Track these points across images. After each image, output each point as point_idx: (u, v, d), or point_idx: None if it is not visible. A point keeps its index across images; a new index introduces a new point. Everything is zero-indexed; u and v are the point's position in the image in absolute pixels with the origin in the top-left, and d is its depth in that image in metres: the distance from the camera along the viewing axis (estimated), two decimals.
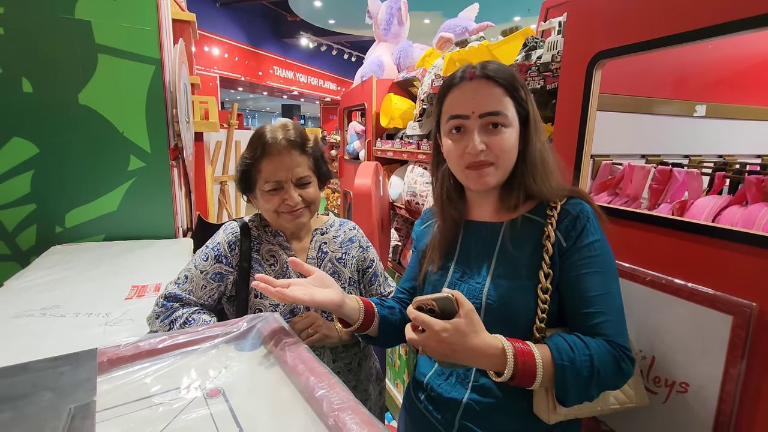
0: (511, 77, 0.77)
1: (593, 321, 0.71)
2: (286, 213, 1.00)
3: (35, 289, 1.28)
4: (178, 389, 0.64)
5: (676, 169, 1.01)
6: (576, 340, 0.69)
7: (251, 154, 0.99)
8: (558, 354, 0.67)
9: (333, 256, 1.09)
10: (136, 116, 1.77)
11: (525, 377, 0.66)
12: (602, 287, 0.73)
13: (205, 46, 10.07)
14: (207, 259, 1.01)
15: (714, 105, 1.36)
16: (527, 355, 0.67)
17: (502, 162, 0.77)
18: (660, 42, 0.86)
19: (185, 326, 0.93)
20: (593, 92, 1.02)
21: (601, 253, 0.74)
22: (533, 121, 0.79)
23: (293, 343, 0.75)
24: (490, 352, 0.66)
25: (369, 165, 1.70)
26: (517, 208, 0.80)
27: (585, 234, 0.74)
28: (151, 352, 0.71)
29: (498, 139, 0.75)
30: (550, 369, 0.67)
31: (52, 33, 1.61)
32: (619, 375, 0.70)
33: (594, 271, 0.73)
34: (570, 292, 0.74)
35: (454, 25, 2.33)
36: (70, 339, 0.98)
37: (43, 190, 1.69)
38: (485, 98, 0.76)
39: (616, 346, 0.70)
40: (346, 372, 1.09)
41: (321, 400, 0.59)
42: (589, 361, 0.67)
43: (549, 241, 0.75)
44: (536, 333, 0.74)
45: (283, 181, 0.98)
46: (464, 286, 0.82)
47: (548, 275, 0.74)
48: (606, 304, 0.72)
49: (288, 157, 0.98)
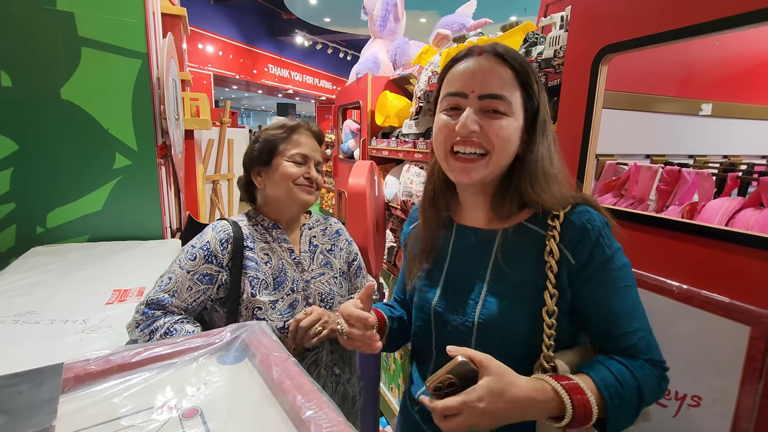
0: (525, 62, 0.68)
1: (629, 342, 0.64)
2: (303, 185, 1.05)
3: (10, 293, 1.21)
4: (151, 409, 0.58)
5: (685, 169, 0.96)
6: (622, 371, 0.62)
7: (281, 131, 1.06)
8: (607, 392, 0.59)
9: (324, 248, 1.14)
10: (121, 112, 1.71)
11: (582, 419, 0.58)
12: (631, 303, 0.65)
13: (199, 43, 9.95)
14: (195, 259, 0.96)
15: (720, 104, 1.32)
16: (581, 399, 0.58)
17: (496, 153, 0.66)
18: (670, 35, 0.82)
19: (166, 337, 0.87)
20: (599, 88, 0.98)
21: (622, 265, 0.66)
22: (542, 120, 0.69)
23: (280, 356, 0.69)
24: (540, 399, 0.57)
25: (363, 164, 1.65)
26: (511, 216, 0.71)
27: (599, 248, 0.65)
28: (123, 367, 0.65)
29: (495, 125, 0.65)
30: (601, 407, 0.59)
31: (32, 24, 1.54)
32: (659, 394, 0.65)
33: (620, 287, 0.65)
34: (596, 314, 0.66)
35: (452, 22, 2.28)
36: (42, 349, 0.92)
37: (23, 189, 1.62)
38: (488, 78, 0.66)
39: (656, 364, 0.64)
40: (342, 363, 1.11)
41: (308, 422, 0.54)
42: (637, 393, 0.61)
43: (553, 258, 0.65)
44: (543, 361, 0.64)
45: (309, 157, 1.07)
46: (456, 299, 0.73)
47: (553, 296, 0.65)
48: (639, 320, 0.65)
49: (313, 142, 1.09)
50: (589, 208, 0.68)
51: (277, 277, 1.02)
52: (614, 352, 0.65)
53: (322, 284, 1.08)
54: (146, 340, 0.88)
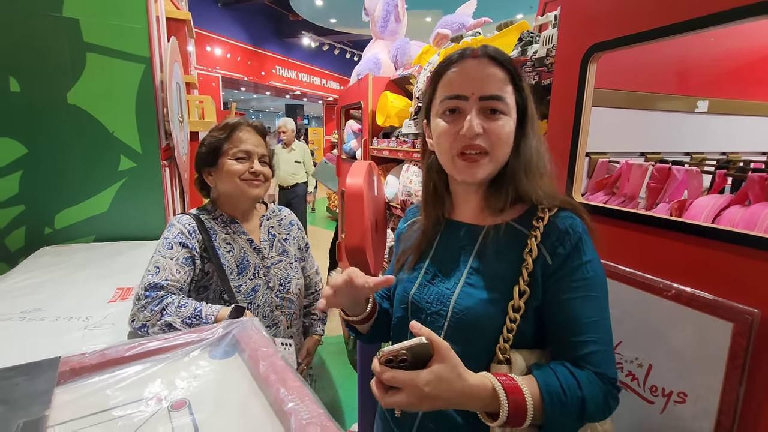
0: (514, 63, 0.72)
1: (584, 351, 0.64)
2: (249, 180, 1.12)
3: (18, 291, 1.25)
4: (142, 401, 0.61)
5: (675, 167, 0.96)
6: (568, 378, 0.62)
7: (223, 131, 1.13)
8: (549, 397, 0.60)
9: (280, 237, 1.25)
10: (126, 116, 1.75)
11: (516, 419, 0.59)
12: (595, 313, 0.65)
13: (207, 46, 10.07)
14: (173, 248, 1.03)
15: (717, 100, 1.31)
16: (518, 399, 0.59)
17: (497, 152, 0.69)
18: (657, 33, 0.82)
19: (179, 310, 0.94)
20: (588, 87, 0.98)
21: (594, 275, 0.67)
22: (531, 114, 0.73)
23: (267, 352, 0.72)
24: (481, 395, 0.58)
25: (362, 164, 1.67)
26: (503, 211, 0.73)
27: (577, 253, 0.66)
28: (117, 361, 0.68)
29: (496, 126, 0.68)
30: (539, 410, 0.60)
31: (39, 31, 1.59)
32: (605, 412, 0.64)
33: (585, 295, 0.66)
34: (558, 317, 0.67)
35: (451, 22, 2.29)
36: (46, 344, 0.95)
37: (32, 191, 1.67)
38: (488, 80, 0.68)
39: (607, 381, 0.64)
40: (297, 336, 1.26)
41: (290, 414, 0.56)
42: (580, 404, 0.61)
43: (531, 256, 0.67)
44: (499, 353, 0.66)
45: (251, 153, 1.13)
46: (434, 289, 0.75)
47: (523, 293, 0.67)
48: (599, 332, 0.65)
49: (255, 137, 1.15)
50: (573, 214, 0.70)
51: (240, 264, 1.12)
52: (568, 360, 0.65)
53: (281, 270, 1.20)
54: (159, 318, 0.92)
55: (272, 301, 1.16)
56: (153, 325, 0.93)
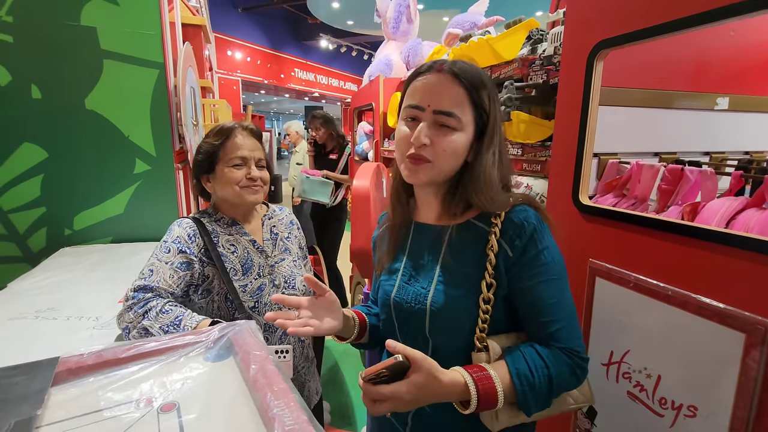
0: (478, 81, 0.74)
1: (548, 330, 0.71)
2: (247, 187, 1.12)
3: (35, 291, 1.30)
4: (133, 402, 0.61)
5: (688, 167, 0.92)
6: (536, 359, 0.70)
7: (218, 137, 1.12)
8: (518, 380, 0.68)
9: (282, 236, 1.25)
10: (141, 120, 1.80)
11: (488, 404, 0.67)
12: (555, 295, 0.72)
13: (228, 50, 10.29)
14: (170, 252, 1.03)
15: (738, 97, 1.25)
16: (488, 386, 0.67)
17: (439, 163, 0.74)
18: (667, 27, 0.78)
19: (161, 315, 0.93)
20: (594, 85, 0.95)
21: (551, 260, 0.72)
22: (491, 132, 0.76)
23: (259, 355, 0.72)
24: (455, 391, 0.67)
25: (369, 165, 1.66)
26: (462, 214, 0.79)
27: (533, 243, 0.72)
28: (114, 362, 0.69)
29: (443, 141, 0.73)
30: (510, 391, 0.68)
31: (59, 40, 1.65)
32: (574, 382, 0.72)
33: (545, 280, 0.72)
34: (523, 303, 0.74)
35: (463, 21, 2.26)
36: (54, 343, 0.98)
37: (52, 194, 1.73)
38: (443, 95, 0.73)
39: (571, 354, 0.71)
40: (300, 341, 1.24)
41: (273, 419, 0.56)
42: (547, 381, 0.69)
43: (492, 251, 0.73)
44: (477, 342, 0.74)
45: (247, 158, 1.12)
46: (410, 289, 0.81)
47: (491, 285, 0.73)
48: (559, 311, 0.71)
49: (251, 141, 1.14)
50: (527, 207, 0.76)
51: (244, 264, 1.13)
52: (536, 340, 0.73)
53: (285, 268, 1.20)
54: (140, 321, 0.92)
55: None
56: (134, 327, 0.93)
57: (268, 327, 1.14)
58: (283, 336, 1.17)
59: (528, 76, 1.31)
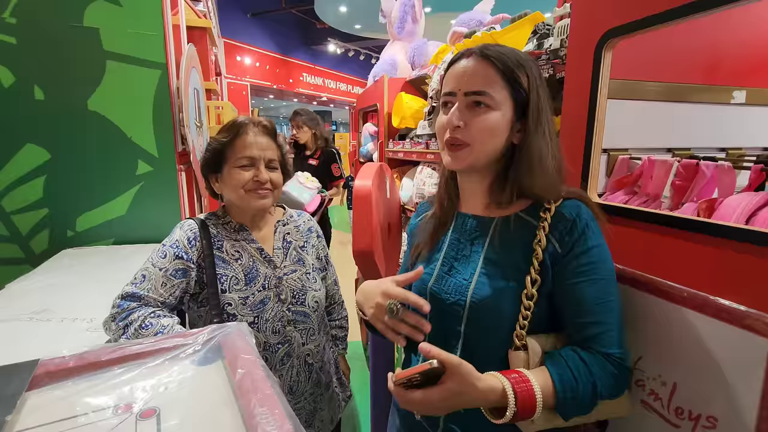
0: (512, 59, 0.73)
1: (590, 332, 0.68)
2: (254, 190, 1.03)
3: (33, 292, 1.29)
4: (111, 408, 0.58)
5: (703, 162, 0.87)
6: (579, 365, 0.66)
7: (226, 134, 1.03)
8: (561, 387, 0.65)
9: (296, 245, 1.15)
10: (143, 121, 1.79)
11: (525, 412, 0.63)
12: (600, 296, 0.69)
13: (237, 55, 10.38)
14: (165, 257, 0.97)
15: (756, 90, 1.19)
16: (527, 394, 0.63)
17: (478, 144, 0.73)
18: (678, 12, 0.73)
19: (141, 331, 0.87)
20: (603, 77, 0.90)
21: (600, 259, 0.70)
22: (535, 110, 0.73)
23: (248, 359, 0.68)
24: (491, 398, 0.63)
25: (372, 166, 1.63)
26: (510, 204, 0.76)
27: (583, 240, 0.70)
28: (96, 365, 0.67)
29: (477, 120, 0.72)
30: (550, 399, 0.65)
31: (62, 41, 1.65)
32: (614, 390, 0.69)
33: (591, 279, 0.69)
34: (566, 302, 0.71)
35: (469, 19, 2.22)
36: (44, 345, 0.96)
37: (55, 195, 1.73)
38: (473, 76, 0.72)
39: (614, 360, 0.68)
40: (314, 354, 1.13)
41: (255, 427, 0.52)
42: (591, 387, 0.66)
43: (540, 246, 0.71)
44: (516, 340, 0.71)
45: (256, 159, 1.02)
46: (451, 280, 0.79)
47: (535, 281, 0.70)
48: (604, 313, 0.68)
49: (262, 139, 1.04)
50: (579, 202, 0.73)
51: (248, 274, 1.04)
52: (577, 342, 0.70)
53: (294, 281, 1.09)
54: (120, 335, 0.88)
55: (283, 315, 1.06)
56: (115, 340, 0.89)
57: (268, 346, 1.05)
58: (285, 358, 1.07)
59: None
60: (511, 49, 0.74)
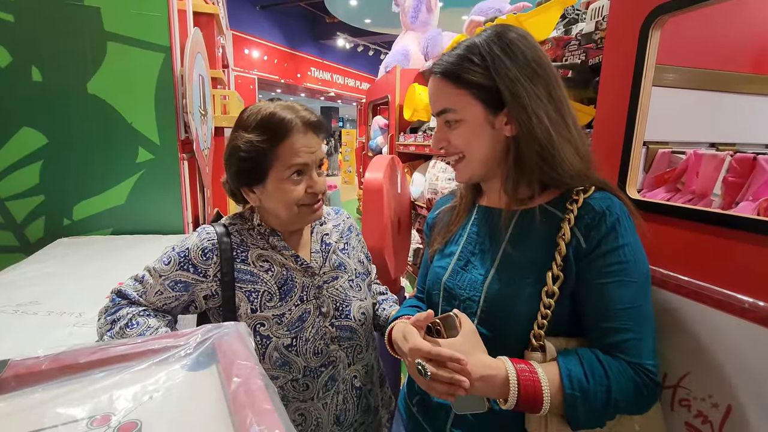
0: (459, 62, 0.70)
1: (616, 338, 0.63)
2: (308, 205, 0.86)
3: (21, 283, 1.21)
4: (85, 420, 0.50)
5: (762, 157, 0.77)
6: (594, 365, 0.62)
7: (266, 137, 0.81)
8: (569, 382, 0.60)
9: (337, 248, 0.99)
10: (145, 106, 1.71)
11: (528, 400, 0.61)
12: (630, 300, 0.63)
13: (245, 48, 10.32)
14: (168, 263, 0.84)
15: None
16: (531, 380, 0.61)
17: (469, 154, 0.73)
18: None
19: (126, 329, 0.79)
20: (648, 60, 0.81)
21: (632, 259, 0.64)
22: (513, 95, 0.67)
23: (245, 365, 0.60)
24: (492, 374, 0.61)
25: (383, 158, 1.54)
26: (532, 198, 0.72)
27: (613, 236, 0.64)
28: (72, 368, 0.58)
29: (453, 135, 0.74)
30: (559, 396, 0.61)
31: (61, 20, 1.57)
32: (639, 403, 0.63)
33: (622, 280, 0.63)
34: (591, 303, 0.65)
35: (487, 8, 2.13)
36: (27, 341, 0.89)
37: (51, 182, 1.66)
38: (434, 96, 0.75)
39: (639, 370, 0.62)
40: (363, 376, 0.96)
41: None
42: (605, 392, 0.60)
43: (563, 240, 0.66)
44: (533, 340, 0.66)
45: (309, 165, 0.84)
46: (466, 276, 0.76)
47: (557, 278, 0.65)
48: (634, 319, 0.62)
49: (312, 140, 0.85)
50: (611, 195, 0.68)
51: (282, 286, 0.87)
52: (599, 347, 0.64)
53: (336, 290, 0.93)
54: (107, 330, 0.80)
55: (326, 332, 0.89)
56: (100, 337, 0.81)
57: (309, 371, 0.87)
58: (329, 383, 0.89)
59: (563, 57, 1.17)
60: (461, 48, 0.71)
